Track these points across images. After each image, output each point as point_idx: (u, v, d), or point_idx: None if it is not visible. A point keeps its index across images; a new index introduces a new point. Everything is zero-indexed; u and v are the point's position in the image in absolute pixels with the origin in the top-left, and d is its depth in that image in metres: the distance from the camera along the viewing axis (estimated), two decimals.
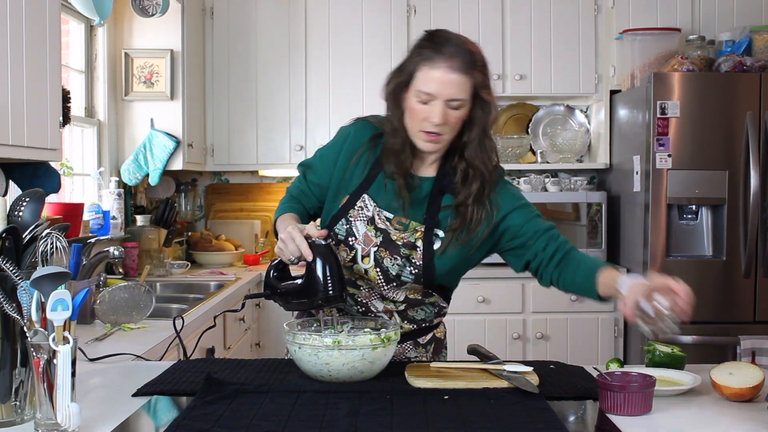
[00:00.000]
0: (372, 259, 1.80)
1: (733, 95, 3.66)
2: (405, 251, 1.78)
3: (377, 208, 1.81)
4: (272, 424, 1.34)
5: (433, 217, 1.80)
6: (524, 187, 4.30)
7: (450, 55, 1.69)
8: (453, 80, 1.69)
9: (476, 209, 1.79)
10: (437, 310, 1.92)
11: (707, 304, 3.69)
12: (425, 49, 1.72)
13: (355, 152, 1.85)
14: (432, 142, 1.75)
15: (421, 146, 1.77)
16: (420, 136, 1.75)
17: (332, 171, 1.87)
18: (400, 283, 1.80)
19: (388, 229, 1.80)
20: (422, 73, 1.71)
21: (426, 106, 1.71)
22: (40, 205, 1.50)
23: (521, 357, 3.97)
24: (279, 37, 4.33)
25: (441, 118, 1.71)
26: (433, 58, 1.70)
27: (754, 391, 1.53)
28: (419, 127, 1.74)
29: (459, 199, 1.79)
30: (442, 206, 1.81)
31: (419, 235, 1.79)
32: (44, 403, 1.31)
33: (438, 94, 1.70)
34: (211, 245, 4.34)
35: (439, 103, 1.70)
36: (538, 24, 4.29)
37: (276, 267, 1.76)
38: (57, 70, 2.41)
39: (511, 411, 1.42)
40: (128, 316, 2.46)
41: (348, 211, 1.82)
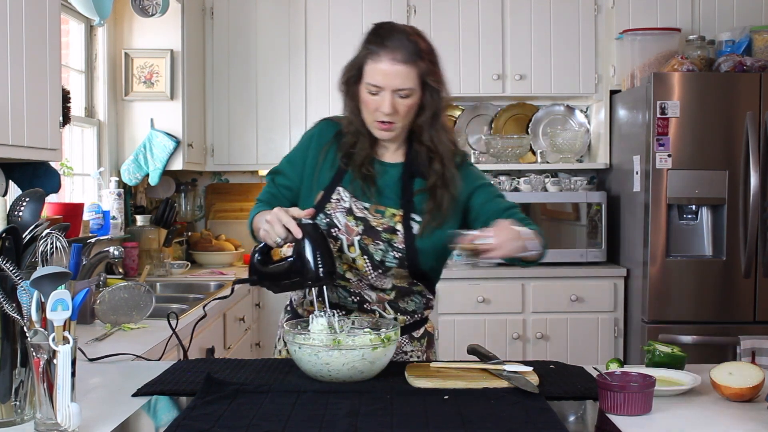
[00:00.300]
0: (357, 248, 1.84)
1: (733, 95, 3.66)
2: (386, 236, 1.83)
3: (353, 199, 1.86)
4: (272, 424, 1.34)
5: (409, 200, 1.86)
6: (524, 187, 4.30)
7: (393, 47, 1.78)
8: (397, 71, 1.78)
9: (445, 190, 1.86)
10: (425, 301, 1.96)
11: (707, 304, 3.70)
12: (371, 43, 1.82)
13: (322, 150, 1.92)
14: (386, 130, 1.84)
15: (378, 135, 1.87)
16: (375, 125, 1.85)
17: (302, 172, 1.93)
18: (385, 269, 1.84)
19: (367, 216, 1.85)
20: (369, 67, 1.81)
21: (376, 97, 1.81)
22: (40, 205, 1.50)
23: (521, 357, 3.97)
24: (279, 37, 4.33)
25: (390, 108, 1.80)
26: (378, 51, 1.79)
27: (754, 391, 1.53)
28: (373, 117, 1.83)
29: (429, 182, 1.86)
30: (415, 190, 1.87)
31: (398, 219, 1.85)
32: (44, 403, 1.31)
33: (385, 85, 1.79)
34: (211, 245, 4.34)
35: (387, 94, 1.79)
36: (538, 24, 4.29)
37: (261, 251, 1.78)
38: (57, 70, 2.41)
39: (511, 411, 1.42)
40: (128, 316, 2.46)
41: (325, 205, 1.87)
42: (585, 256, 4.14)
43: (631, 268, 3.99)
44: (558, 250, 4.16)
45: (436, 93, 1.84)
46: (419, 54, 1.80)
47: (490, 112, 4.63)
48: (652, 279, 3.71)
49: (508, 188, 4.30)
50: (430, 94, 1.84)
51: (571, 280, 4.04)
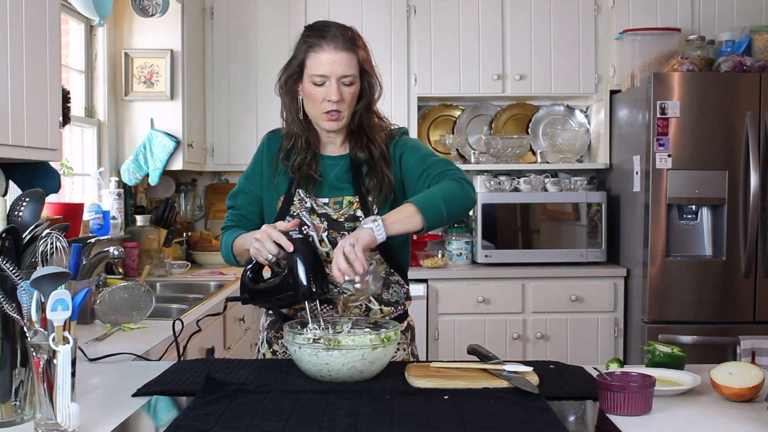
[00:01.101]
0: (328, 243, 1.89)
1: (733, 95, 3.66)
2: (349, 224, 1.90)
3: (312, 197, 1.93)
4: (272, 424, 1.34)
5: (360, 186, 1.93)
6: (524, 187, 4.30)
7: (333, 37, 1.87)
8: (341, 58, 1.86)
9: (384, 168, 1.93)
10: (405, 291, 2.01)
11: (707, 304, 3.70)
12: (309, 38, 1.90)
13: (273, 160, 1.99)
14: (335, 120, 1.90)
15: (327, 126, 1.92)
16: (323, 117, 1.91)
17: (261, 182, 2.00)
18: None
19: (328, 212, 1.91)
20: (312, 60, 1.88)
21: (322, 87, 1.87)
22: (40, 205, 1.50)
23: (521, 357, 3.97)
24: (279, 37, 4.32)
25: (337, 95, 1.86)
26: (319, 43, 1.87)
27: (754, 391, 1.53)
28: (320, 109, 1.89)
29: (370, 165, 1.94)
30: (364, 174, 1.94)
31: (356, 206, 1.92)
32: (44, 403, 1.31)
33: (330, 73, 1.86)
34: (211, 245, 4.34)
35: (333, 82, 1.86)
36: (538, 24, 4.29)
37: (252, 270, 1.80)
38: (57, 70, 2.41)
39: (511, 411, 1.42)
40: (128, 316, 2.46)
41: (289, 208, 1.93)
42: (585, 256, 4.15)
43: (631, 268, 3.99)
44: (558, 250, 4.17)
45: (372, 81, 1.93)
46: (356, 42, 1.90)
47: (490, 112, 4.63)
48: (652, 279, 3.71)
49: (508, 188, 4.30)
50: (368, 81, 1.92)
51: (571, 280, 4.04)
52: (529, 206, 4.19)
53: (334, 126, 1.92)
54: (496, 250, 4.17)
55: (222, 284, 3.63)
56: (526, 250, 4.19)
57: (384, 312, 1.95)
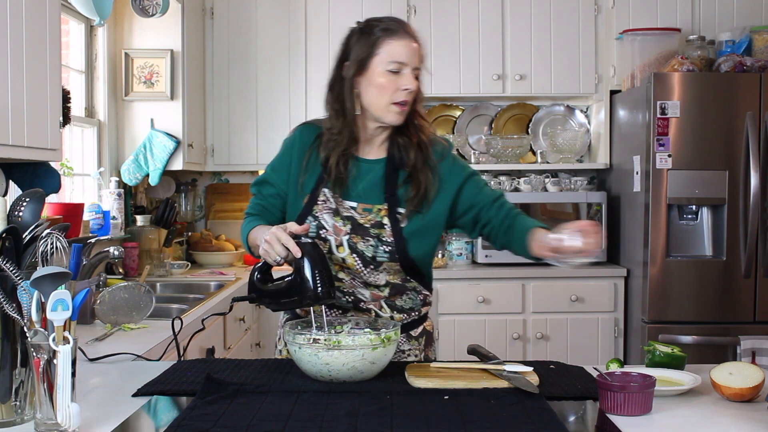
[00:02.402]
0: (346, 247, 1.85)
1: (733, 95, 3.66)
2: (374, 231, 1.85)
3: (339, 199, 1.87)
4: (272, 424, 1.34)
5: (393, 194, 1.87)
6: (524, 187, 4.30)
7: (406, 27, 1.85)
8: (415, 49, 1.84)
9: (425, 176, 1.87)
10: (422, 298, 1.96)
11: (707, 304, 3.70)
12: (377, 27, 1.83)
13: (305, 154, 1.92)
14: (402, 112, 1.84)
15: (393, 120, 1.85)
16: (392, 109, 1.83)
17: (288, 177, 1.94)
18: (376, 264, 1.85)
19: (354, 215, 1.86)
20: (388, 47, 1.81)
21: (397, 76, 1.81)
22: (40, 205, 1.50)
23: (521, 357, 3.97)
24: (279, 37, 4.33)
25: (414, 84, 1.82)
26: (395, 30, 1.82)
27: (754, 391, 1.53)
28: (391, 99, 1.82)
29: (410, 168, 1.88)
30: (400, 183, 1.88)
31: (384, 213, 1.86)
32: (44, 403, 1.31)
33: (408, 61, 1.81)
34: (211, 245, 4.34)
35: (409, 70, 1.82)
36: (538, 24, 4.29)
37: (260, 269, 1.78)
38: (57, 70, 2.41)
39: (511, 411, 1.42)
40: (128, 316, 2.46)
41: (312, 208, 1.88)
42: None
43: (631, 268, 3.99)
44: None
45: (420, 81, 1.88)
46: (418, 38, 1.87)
47: (490, 112, 4.63)
48: (652, 279, 3.71)
49: (508, 188, 4.30)
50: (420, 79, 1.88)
51: (571, 280, 4.04)
52: (530, 206, 4.18)
53: (400, 119, 1.85)
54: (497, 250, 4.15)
55: (222, 284, 3.63)
56: None
57: (395, 319, 1.91)
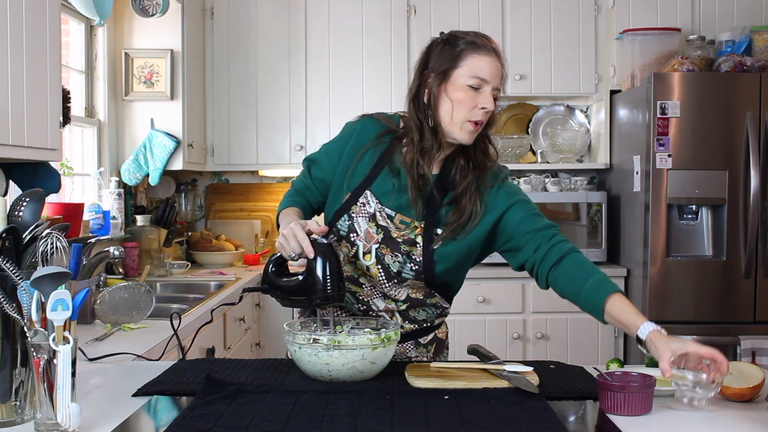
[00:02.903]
0: (373, 256, 1.80)
1: (733, 95, 3.66)
2: (405, 248, 1.79)
3: (379, 205, 1.81)
4: (272, 424, 1.34)
5: (434, 214, 1.80)
6: (524, 187, 4.30)
7: (493, 45, 1.75)
8: (498, 69, 1.73)
9: (471, 202, 1.79)
10: (439, 311, 1.93)
11: (707, 304, 3.69)
12: (462, 39, 1.74)
13: (360, 148, 1.84)
14: (475, 132, 1.75)
15: (464, 138, 1.75)
16: (466, 127, 1.74)
17: (336, 166, 1.87)
18: (401, 279, 1.81)
19: (389, 226, 1.80)
20: (473, 61, 1.71)
21: (476, 93, 1.72)
22: (40, 205, 1.49)
23: (521, 357, 3.97)
24: (279, 37, 4.33)
25: (492, 104, 1.72)
26: (481, 45, 1.73)
27: (754, 391, 1.53)
28: (468, 116, 1.73)
29: (457, 190, 1.79)
30: (444, 203, 1.80)
31: (419, 231, 1.79)
32: (44, 403, 1.31)
33: (491, 79, 1.72)
34: (211, 245, 4.34)
35: (489, 89, 1.72)
36: (538, 24, 4.29)
37: (275, 262, 1.76)
38: (57, 70, 2.41)
39: (511, 411, 1.42)
40: (128, 316, 2.46)
41: (351, 207, 1.82)
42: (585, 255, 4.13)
43: (631, 268, 3.99)
44: None
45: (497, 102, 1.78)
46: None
47: None
48: (652, 279, 3.71)
49: None
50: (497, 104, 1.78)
51: None
52: None
53: (471, 139, 1.75)
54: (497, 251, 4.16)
55: (222, 284, 3.63)
56: None
57: (405, 328, 1.88)
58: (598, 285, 1.76)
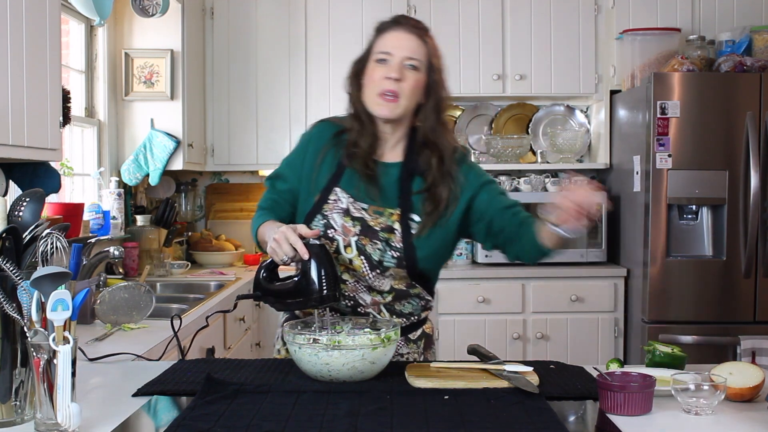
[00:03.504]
0: (354, 248, 1.83)
1: (733, 95, 3.66)
2: (384, 235, 1.82)
3: (351, 199, 1.85)
4: (272, 424, 1.34)
5: (407, 200, 1.85)
6: (524, 187, 4.30)
7: (402, 20, 1.87)
8: (407, 39, 1.83)
9: (444, 189, 1.84)
10: (423, 303, 1.94)
11: (707, 304, 3.70)
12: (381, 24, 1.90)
13: (320, 151, 1.91)
14: (390, 103, 1.81)
15: (379, 111, 1.83)
16: (377, 101, 1.82)
17: (301, 173, 1.92)
18: (383, 269, 1.83)
19: (365, 216, 1.84)
20: (380, 40, 1.85)
21: (383, 65, 1.81)
22: (40, 205, 1.50)
23: (521, 357, 3.97)
24: (279, 37, 4.33)
25: (398, 72, 1.79)
26: (390, 25, 1.87)
27: (754, 391, 1.53)
28: (377, 88, 1.81)
29: (428, 180, 1.85)
30: (414, 191, 1.86)
31: (396, 218, 1.84)
32: (44, 403, 1.31)
33: (393, 50, 1.81)
34: (211, 245, 4.34)
35: (396, 60, 1.80)
36: (538, 24, 4.29)
37: (266, 267, 1.77)
38: (57, 70, 2.41)
39: (511, 411, 1.42)
40: (128, 316, 2.46)
41: (322, 206, 1.86)
42: (585, 256, 4.14)
43: (631, 268, 3.99)
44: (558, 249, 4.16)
45: (439, 81, 1.85)
46: (428, 34, 1.86)
47: (490, 112, 4.63)
48: (652, 279, 3.71)
49: (508, 188, 4.30)
50: (434, 79, 1.84)
51: (571, 280, 4.04)
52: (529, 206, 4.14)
53: (386, 111, 1.81)
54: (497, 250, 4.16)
55: (222, 284, 3.63)
56: None
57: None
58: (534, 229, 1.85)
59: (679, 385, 1.48)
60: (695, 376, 1.49)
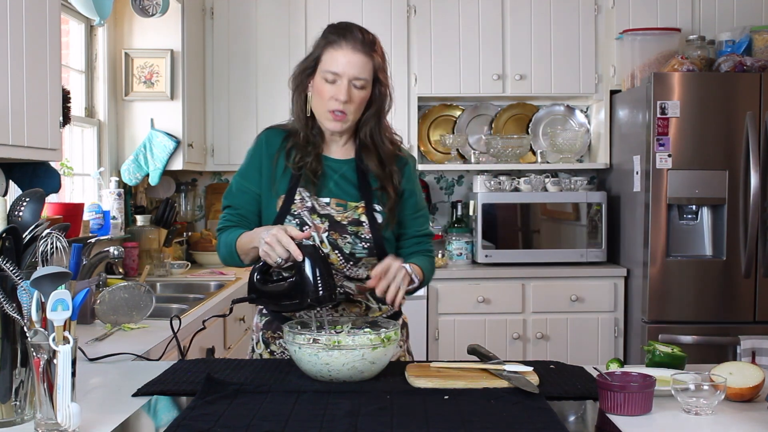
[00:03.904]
0: (328, 244, 1.88)
1: (733, 95, 3.66)
2: (352, 228, 1.89)
3: (313, 197, 1.91)
4: (272, 424, 1.34)
5: (368, 192, 1.92)
6: (524, 187, 4.30)
7: (353, 37, 1.88)
8: (356, 60, 1.86)
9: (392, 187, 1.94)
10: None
11: (707, 304, 3.70)
12: (329, 35, 1.91)
13: (273, 156, 1.96)
14: (338, 121, 1.89)
15: (329, 126, 1.91)
16: (327, 116, 1.89)
17: (260, 181, 1.97)
18: (356, 260, 1.90)
19: (330, 212, 1.90)
20: (328, 55, 1.88)
21: (332, 85, 1.87)
22: (40, 205, 1.50)
23: (521, 357, 3.97)
24: (279, 37, 4.33)
25: (345, 95, 1.86)
26: (338, 41, 1.88)
27: (754, 391, 1.53)
28: (326, 107, 1.88)
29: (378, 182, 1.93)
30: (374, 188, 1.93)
31: (361, 211, 1.91)
32: (44, 403, 1.31)
33: (343, 72, 1.86)
34: (211, 245, 4.34)
35: (344, 82, 1.86)
36: (538, 24, 4.29)
37: (260, 270, 1.78)
38: (57, 70, 2.41)
39: (511, 411, 1.42)
40: (128, 316, 2.46)
41: (290, 207, 1.91)
42: (585, 256, 4.15)
43: (631, 268, 3.99)
44: (558, 250, 4.17)
45: (383, 90, 1.92)
46: (375, 48, 1.90)
47: (490, 112, 4.63)
48: (652, 279, 3.71)
49: (508, 188, 4.30)
50: (379, 90, 1.92)
51: (571, 280, 4.04)
52: (529, 206, 4.19)
53: (337, 126, 1.90)
54: (497, 250, 4.17)
55: (222, 284, 3.63)
56: (526, 250, 4.19)
57: (382, 310, 1.97)
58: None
59: (679, 385, 1.48)
60: (695, 376, 1.49)
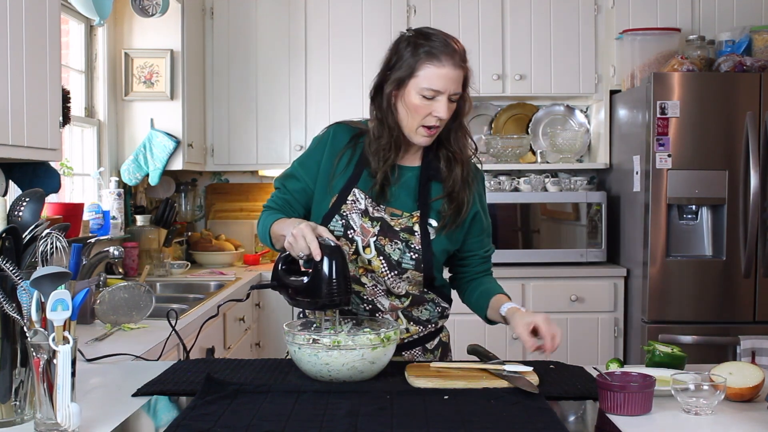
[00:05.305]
0: (373, 249, 1.83)
1: (733, 95, 3.66)
2: (404, 236, 1.83)
3: (369, 200, 1.84)
4: (272, 424, 1.34)
5: (426, 203, 1.86)
6: (524, 187, 4.30)
7: (452, 52, 1.77)
8: (455, 76, 1.78)
9: (465, 195, 1.87)
10: (440, 310, 1.95)
11: (707, 304, 3.69)
12: (423, 46, 1.78)
13: (337, 154, 1.88)
14: (430, 136, 1.83)
15: (420, 141, 1.84)
16: (420, 131, 1.81)
17: (316, 175, 1.89)
18: (401, 270, 1.83)
19: (384, 217, 1.84)
20: (428, 71, 1.76)
21: (430, 101, 1.77)
22: (40, 205, 1.50)
23: (521, 357, 3.97)
24: (279, 37, 4.33)
25: (447, 113, 1.79)
26: (438, 56, 1.76)
27: (754, 391, 1.53)
28: (421, 122, 1.80)
29: (449, 187, 1.86)
30: (434, 198, 1.87)
31: (415, 220, 1.85)
32: (44, 403, 1.31)
33: (445, 90, 1.77)
34: (211, 245, 4.34)
35: (444, 98, 1.77)
36: (538, 24, 4.29)
37: (285, 260, 1.75)
38: (57, 70, 2.41)
39: (511, 411, 1.42)
40: (128, 316, 2.46)
41: (340, 207, 1.85)
42: (585, 256, 4.14)
43: (631, 268, 3.99)
44: (558, 250, 4.16)
45: (467, 98, 1.85)
46: (465, 59, 1.82)
47: (490, 112, 4.63)
48: (652, 279, 3.71)
49: (508, 188, 4.30)
50: (464, 98, 1.84)
51: (571, 280, 4.04)
52: (529, 206, 4.18)
53: (427, 142, 1.83)
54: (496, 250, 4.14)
55: (222, 284, 3.63)
56: (526, 250, 4.19)
57: (411, 332, 1.90)
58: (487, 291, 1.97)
59: (679, 385, 1.48)
60: (695, 376, 1.49)
